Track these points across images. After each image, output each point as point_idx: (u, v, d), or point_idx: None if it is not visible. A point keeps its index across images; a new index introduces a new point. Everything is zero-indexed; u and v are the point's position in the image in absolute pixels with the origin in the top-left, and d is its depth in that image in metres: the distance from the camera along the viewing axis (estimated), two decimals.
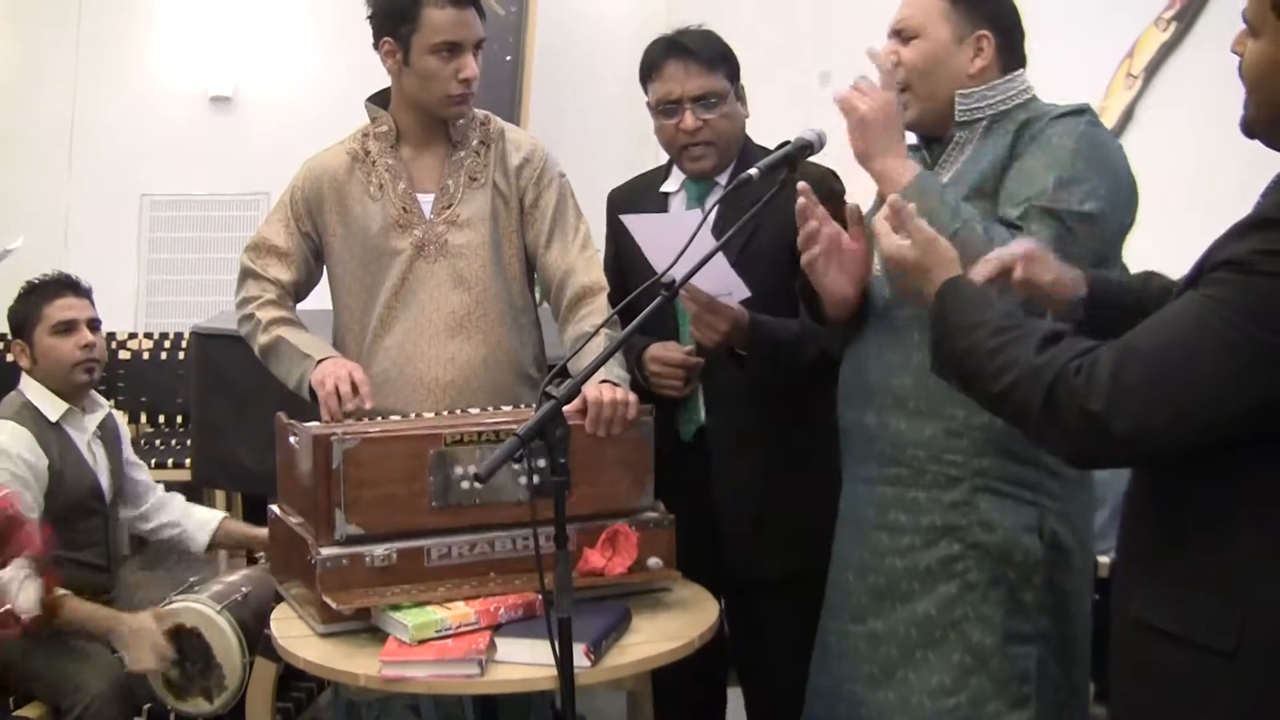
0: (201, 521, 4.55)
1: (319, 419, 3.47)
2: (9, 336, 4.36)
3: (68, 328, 4.25)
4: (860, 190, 3.19)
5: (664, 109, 3.71)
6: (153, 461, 7.16)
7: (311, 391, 3.58)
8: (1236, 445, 2.15)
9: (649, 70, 3.74)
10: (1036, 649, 3.01)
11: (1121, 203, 3.00)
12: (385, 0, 3.70)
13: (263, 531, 4.41)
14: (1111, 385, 2.14)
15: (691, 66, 3.67)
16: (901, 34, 3.15)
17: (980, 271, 2.57)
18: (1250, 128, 2.29)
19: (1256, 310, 2.08)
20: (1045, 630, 3.02)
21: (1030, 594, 2.99)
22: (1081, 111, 3.04)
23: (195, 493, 7.14)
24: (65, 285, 4.32)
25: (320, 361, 3.62)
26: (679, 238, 3.05)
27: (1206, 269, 2.17)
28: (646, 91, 3.77)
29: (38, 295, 4.27)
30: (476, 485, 3.17)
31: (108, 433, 4.39)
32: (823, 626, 3.32)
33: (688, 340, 3.67)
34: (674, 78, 3.68)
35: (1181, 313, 2.16)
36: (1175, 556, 2.25)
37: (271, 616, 3.36)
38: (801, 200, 3.01)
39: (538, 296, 3.99)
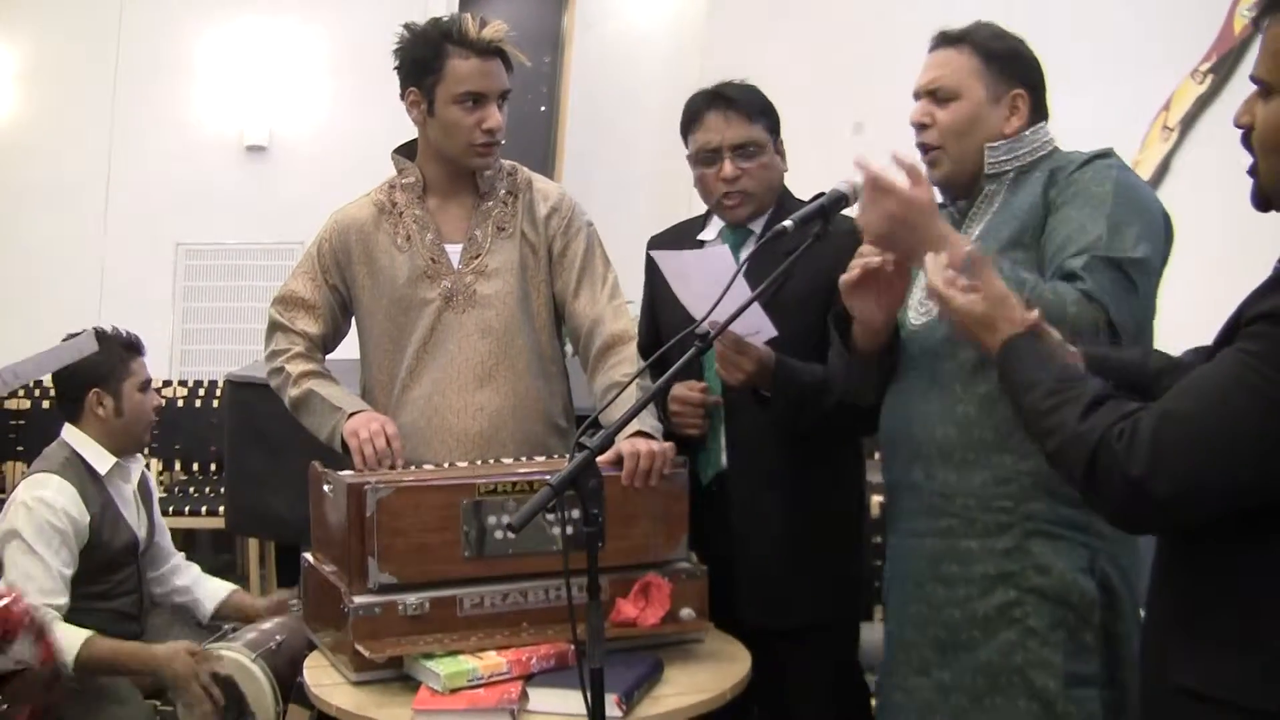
0: (211, 592, 4.56)
1: (352, 468, 3.48)
2: (69, 383, 4.33)
3: (146, 386, 4.32)
4: None
5: (703, 158, 3.73)
6: (187, 509, 7.18)
7: (344, 443, 3.58)
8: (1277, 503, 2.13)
9: (690, 121, 3.76)
10: (1100, 691, 2.99)
11: (1161, 239, 3.02)
12: (410, 50, 3.72)
13: (260, 605, 4.43)
14: (1152, 450, 2.12)
15: (732, 116, 3.69)
16: (936, 95, 3.16)
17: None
18: (1266, 198, 2.26)
19: None
20: (1101, 674, 3.00)
21: (1089, 635, 2.97)
22: (1106, 154, 3.06)
23: (229, 541, 7.17)
24: (141, 347, 4.37)
25: (352, 415, 3.62)
26: (706, 276, 3.06)
27: (1241, 325, 2.15)
28: (687, 143, 3.79)
29: (122, 350, 4.29)
30: (509, 535, 3.17)
31: (143, 488, 4.42)
32: (886, 682, 3.30)
33: (711, 381, 3.68)
34: (714, 127, 3.70)
35: (1219, 371, 2.14)
36: (1216, 619, 2.22)
37: (305, 664, 3.36)
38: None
39: (566, 347, 3.99)
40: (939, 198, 3.25)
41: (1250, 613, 2.18)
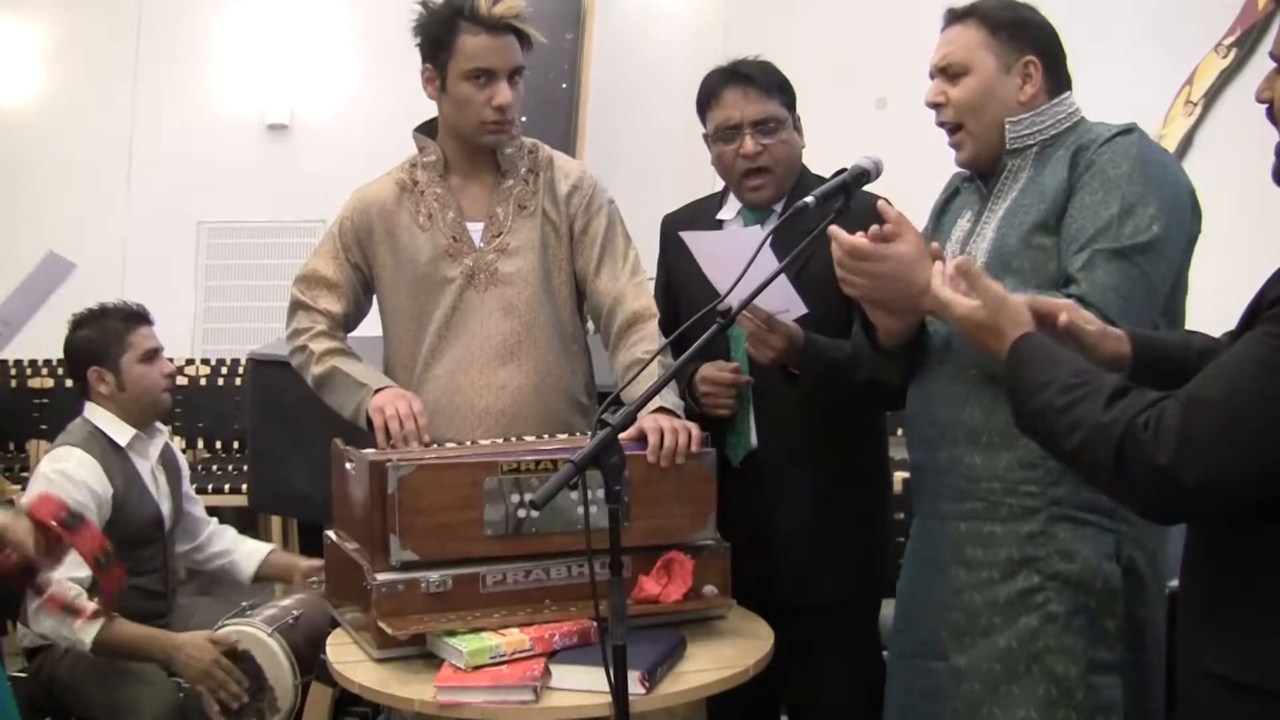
0: (249, 552, 4.59)
1: (375, 446, 3.48)
2: (72, 364, 4.35)
3: (152, 356, 4.31)
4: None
5: (723, 135, 3.73)
6: (209, 487, 7.19)
7: (369, 420, 3.59)
8: None
9: (707, 98, 3.76)
10: (1119, 678, 2.98)
11: (1182, 218, 2.99)
12: (426, 28, 3.72)
13: (301, 562, 4.45)
14: (1179, 437, 2.10)
15: (750, 92, 3.69)
16: (947, 72, 3.14)
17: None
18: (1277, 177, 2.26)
19: None
20: (1124, 659, 2.99)
21: (1111, 622, 2.96)
22: (1129, 131, 3.02)
23: (251, 518, 7.19)
24: (142, 315, 4.37)
25: (378, 390, 3.63)
26: (736, 256, 3.04)
27: (1263, 306, 2.14)
28: (704, 122, 3.78)
29: (119, 324, 4.30)
30: (532, 513, 3.17)
31: (168, 461, 4.43)
32: (901, 665, 3.29)
33: (739, 360, 3.68)
34: (733, 104, 3.70)
35: (1244, 355, 2.13)
36: (1247, 605, 2.22)
37: (327, 641, 3.37)
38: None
39: (588, 324, 3.99)
40: (965, 170, 3.26)
41: (1277, 594, 2.18)
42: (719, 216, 3.86)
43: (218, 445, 8.23)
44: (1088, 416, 2.23)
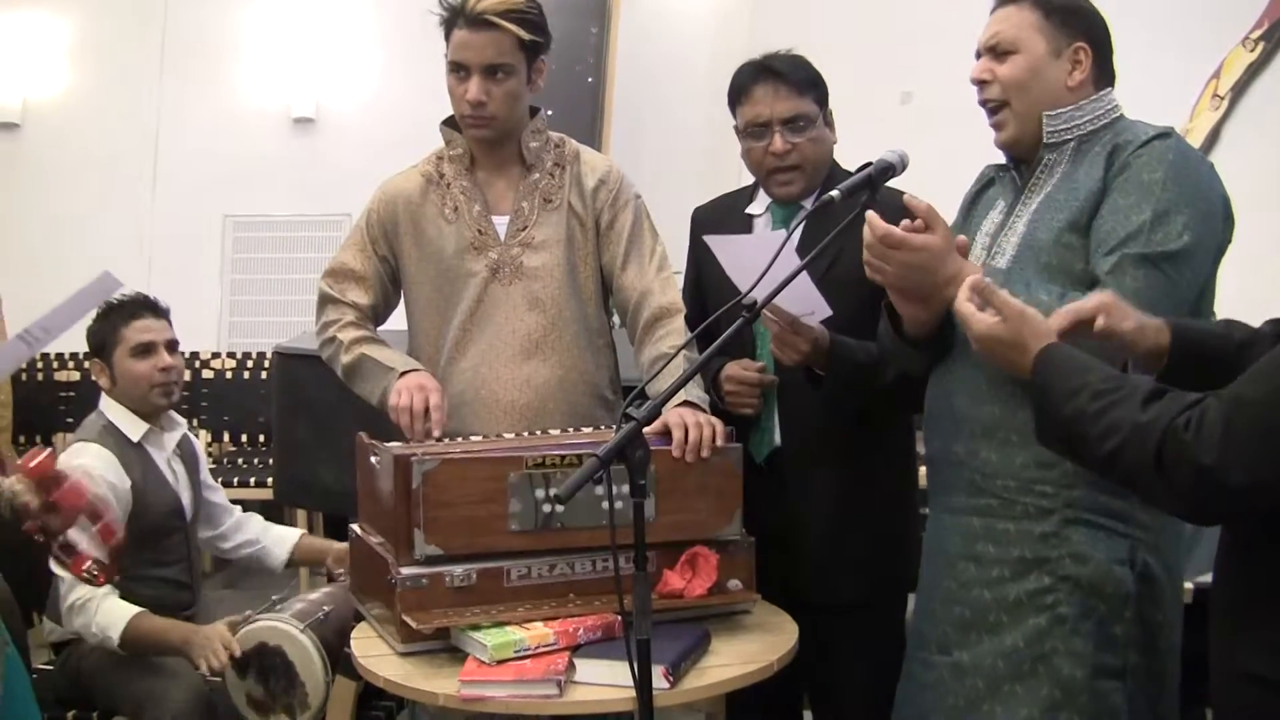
0: (279, 538, 4.59)
1: (400, 439, 3.49)
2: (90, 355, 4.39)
3: (146, 350, 4.29)
4: None
5: (752, 131, 3.71)
6: (235, 480, 7.22)
7: None
8: None
9: (738, 94, 3.74)
10: (1125, 684, 2.97)
11: (1214, 227, 2.96)
12: (442, 23, 3.75)
13: (335, 545, 4.45)
14: (1223, 437, 2.10)
15: (781, 89, 3.66)
16: (996, 50, 3.11)
17: (1056, 323, 2.55)
18: None
19: None
20: (1134, 664, 2.98)
21: (1120, 627, 2.94)
22: (1166, 135, 2.99)
23: (276, 511, 7.21)
24: (144, 306, 4.35)
25: (403, 374, 3.63)
26: (762, 258, 3.04)
27: None
28: (735, 115, 3.76)
29: (117, 316, 4.30)
30: (556, 507, 3.18)
31: (186, 451, 4.44)
32: (909, 656, 3.30)
33: (764, 359, 3.67)
34: (763, 100, 3.68)
35: None
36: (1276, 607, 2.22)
37: (352, 635, 3.37)
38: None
39: (614, 319, 3.98)
40: (1001, 159, 3.25)
41: None
42: (748, 211, 3.85)
43: (243, 438, 8.25)
44: (1125, 419, 2.22)
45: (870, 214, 2.91)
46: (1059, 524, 2.97)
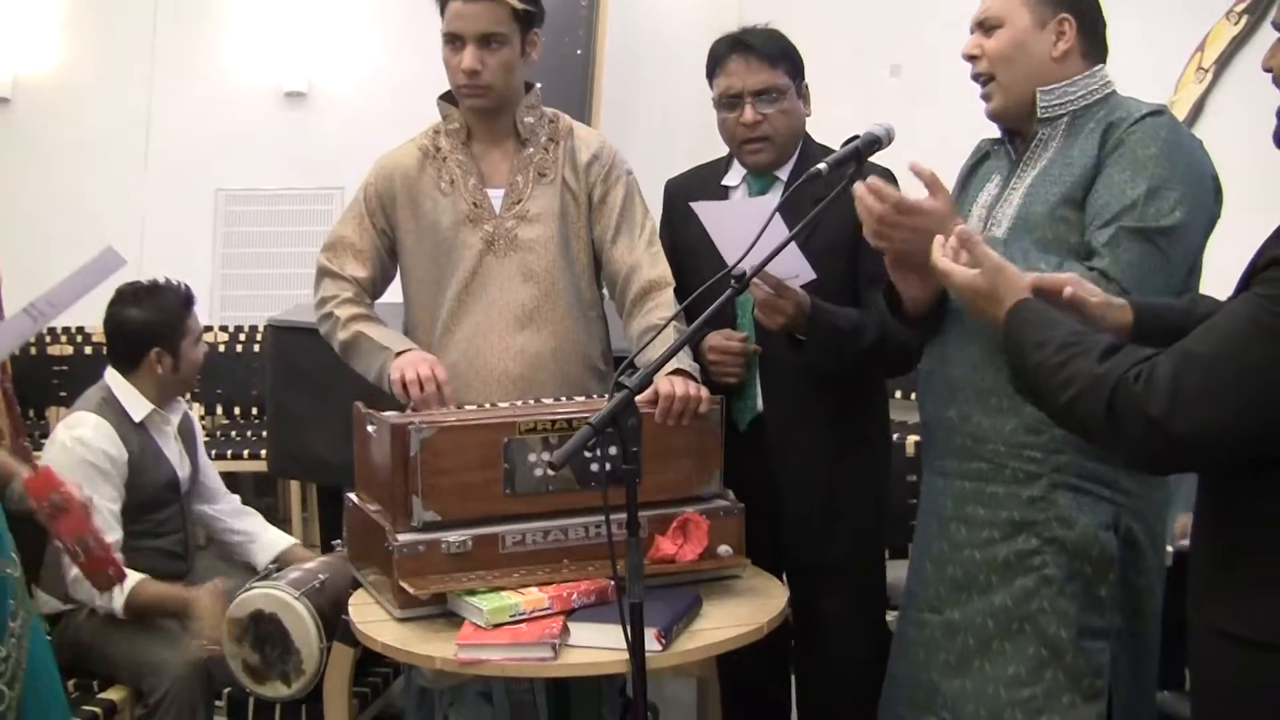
0: (270, 542, 4.66)
1: (396, 409, 3.53)
2: (129, 341, 4.39)
3: (200, 338, 4.44)
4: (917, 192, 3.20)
5: (726, 103, 3.80)
6: (228, 453, 7.25)
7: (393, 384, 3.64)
8: None
9: (713, 66, 3.83)
10: (1110, 644, 3.04)
11: (1205, 203, 3.03)
12: None
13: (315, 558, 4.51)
14: (1170, 390, 2.16)
15: (753, 62, 3.75)
16: (984, 25, 3.19)
17: (1029, 280, 2.61)
18: None
19: None
20: (1118, 626, 3.04)
21: (1105, 590, 3.01)
22: (1160, 112, 3.06)
23: (270, 483, 7.25)
24: (192, 298, 4.47)
25: (400, 354, 3.67)
26: (746, 224, 3.10)
27: (1258, 269, 2.19)
28: (711, 87, 3.84)
29: (183, 307, 4.38)
30: (550, 473, 3.23)
31: (185, 428, 4.50)
32: (902, 614, 3.38)
33: (746, 328, 3.74)
34: (736, 73, 3.76)
35: (1235, 313, 2.19)
36: (1248, 566, 2.28)
37: (350, 602, 3.42)
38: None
39: (604, 291, 4.04)
40: (995, 132, 3.30)
41: (1275, 551, 2.23)
42: (724, 182, 3.93)
43: (236, 411, 8.27)
44: (1082, 371, 2.29)
45: (879, 181, 2.96)
46: (1046, 488, 3.04)
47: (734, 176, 3.92)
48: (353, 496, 3.56)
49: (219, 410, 8.27)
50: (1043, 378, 2.38)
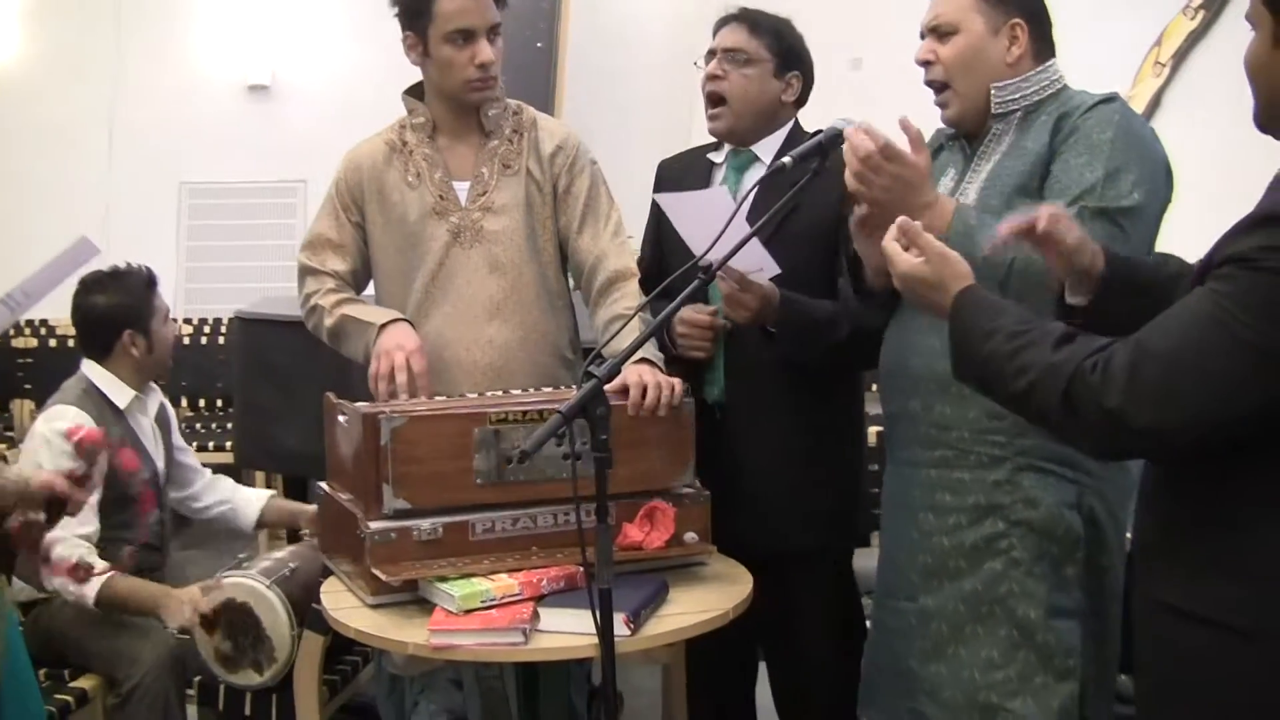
0: (249, 499, 4.66)
1: (366, 399, 3.57)
2: (99, 328, 4.40)
3: (168, 317, 4.44)
4: None
5: (705, 59, 3.86)
6: (194, 444, 7.24)
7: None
8: (1254, 439, 2.22)
9: (714, 35, 3.90)
10: (1078, 623, 3.10)
11: (1161, 185, 3.08)
12: None
13: (307, 507, 4.52)
14: (1127, 382, 2.20)
15: (737, 27, 3.83)
16: (937, 31, 3.23)
17: (1004, 228, 2.65)
18: (1259, 122, 2.37)
19: (1261, 308, 2.14)
20: (1084, 605, 3.11)
21: (1072, 569, 3.07)
22: (1111, 99, 3.12)
23: (236, 474, 7.26)
24: (155, 279, 4.45)
25: (382, 328, 3.71)
26: (711, 214, 3.14)
27: (1215, 264, 2.23)
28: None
29: (143, 288, 4.38)
30: (520, 462, 3.26)
31: (161, 417, 4.52)
32: (877, 603, 3.42)
33: (717, 303, 3.74)
34: (720, 35, 3.85)
35: (1192, 309, 2.23)
36: (1195, 544, 2.32)
37: (322, 589, 3.45)
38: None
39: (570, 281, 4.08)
40: (949, 132, 3.36)
41: (1224, 536, 2.28)
42: (709, 156, 3.98)
43: (201, 404, 8.29)
44: (1037, 359, 2.33)
45: (868, 126, 2.99)
46: (1011, 471, 3.09)
47: (719, 154, 3.96)
48: (325, 486, 3.59)
49: (184, 402, 8.29)
50: (995, 365, 2.42)
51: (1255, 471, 2.25)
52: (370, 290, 4.06)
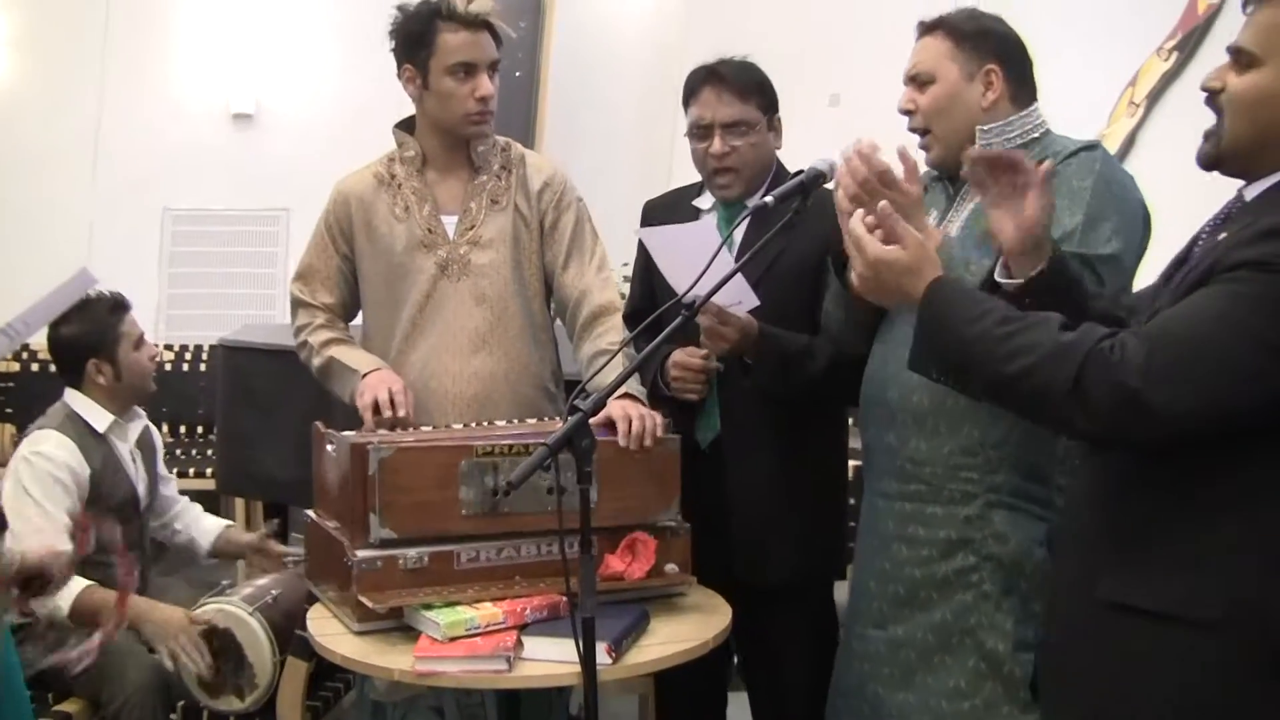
0: (206, 529, 4.71)
1: (353, 429, 3.62)
2: (66, 357, 4.42)
3: (140, 342, 4.45)
4: None
5: (696, 133, 3.86)
6: (175, 470, 7.26)
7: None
8: (1237, 434, 2.30)
9: (687, 95, 3.89)
10: None
11: (1138, 234, 3.16)
12: (403, 29, 3.88)
13: (253, 540, 4.57)
14: (1148, 365, 2.27)
15: (725, 94, 3.81)
16: (916, 79, 3.31)
17: (977, 151, 2.75)
18: (1221, 157, 2.45)
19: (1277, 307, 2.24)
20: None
21: (1039, 604, 3.10)
22: (1093, 147, 3.19)
23: (216, 500, 7.29)
24: (126, 304, 4.47)
25: (366, 374, 3.77)
26: (695, 249, 3.20)
27: (1220, 269, 2.31)
28: (685, 115, 3.91)
29: (111, 314, 4.40)
30: (505, 494, 3.31)
31: (145, 442, 4.55)
32: (847, 629, 3.47)
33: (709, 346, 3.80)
34: (707, 104, 3.83)
35: (1208, 305, 2.30)
36: (1155, 540, 2.39)
37: (309, 615, 3.49)
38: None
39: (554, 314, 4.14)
40: (933, 173, 3.42)
41: (1191, 532, 2.36)
42: (695, 203, 4.01)
43: (182, 429, 8.29)
44: (1041, 341, 2.38)
45: (867, 148, 3.02)
46: (982, 507, 3.15)
47: (705, 200, 3.99)
48: (312, 514, 3.64)
49: (165, 428, 8.27)
50: (982, 348, 2.46)
51: (1224, 467, 2.33)
52: (359, 320, 4.10)
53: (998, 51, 3.28)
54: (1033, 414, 2.51)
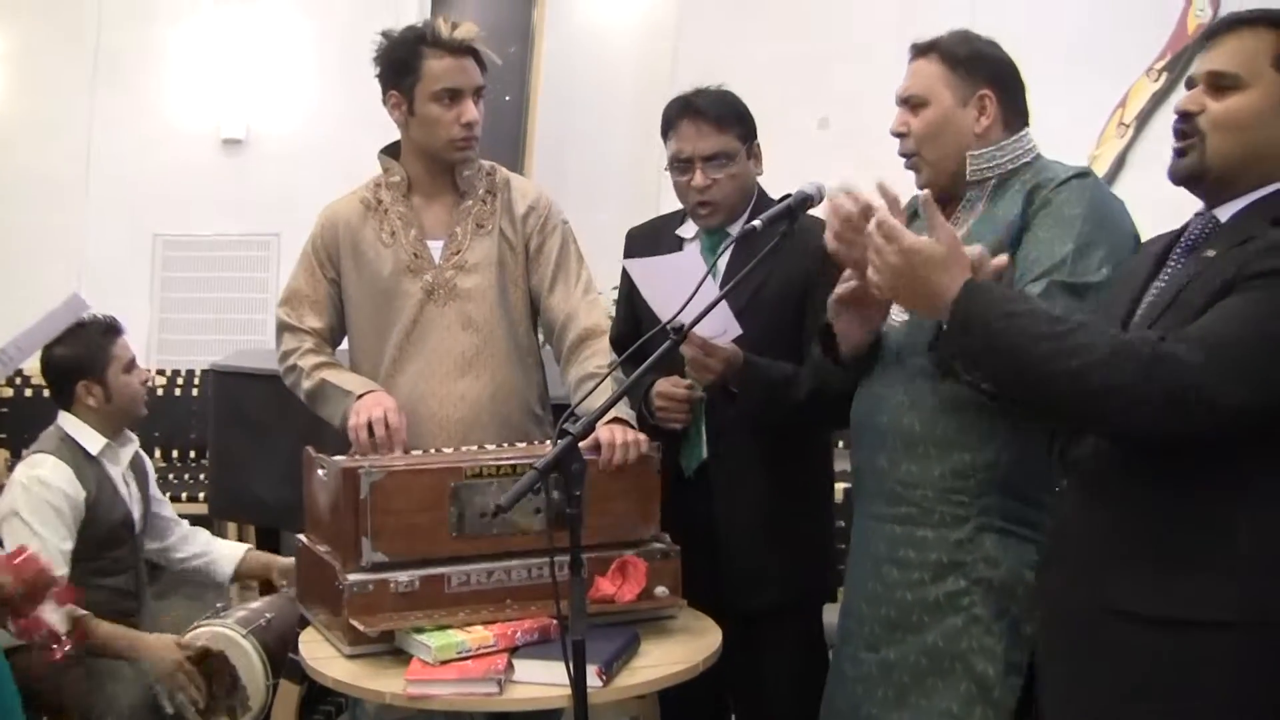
0: (226, 553, 4.70)
1: (343, 453, 3.64)
2: (57, 379, 4.43)
3: (132, 365, 4.46)
4: None
5: (677, 166, 3.85)
6: (167, 494, 7.25)
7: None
8: (1246, 441, 2.34)
9: (666, 128, 3.88)
10: None
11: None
12: (388, 55, 3.90)
13: (281, 560, 4.56)
14: (1208, 363, 2.29)
15: (703, 127, 3.80)
16: (909, 103, 3.30)
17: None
18: (1203, 175, 2.48)
19: None
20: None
21: (1031, 627, 3.09)
22: (1085, 174, 3.17)
23: (208, 524, 7.29)
24: (118, 328, 4.48)
25: (360, 397, 3.78)
26: (681, 278, 3.20)
27: (1243, 278, 2.35)
28: (666, 146, 3.91)
29: (103, 337, 4.40)
30: (495, 516, 3.31)
31: (137, 466, 4.56)
32: (838, 652, 3.46)
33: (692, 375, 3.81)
34: (686, 137, 3.82)
35: (1250, 309, 2.34)
36: (1167, 543, 2.42)
37: (300, 639, 3.49)
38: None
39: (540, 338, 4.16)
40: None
41: (1209, 530, 2.38)
42: (678, 232, 4.00)
43: (174, 454, 8.30)
44: (1100, 339, 2.39)
45: (850, 187, 3.04)
46: (973, 531, 3.13)
47: (689, 229, 3.98)
48: (303, 538, 3.64)
49: (157, 453, 8.28)
50: (1041, 344, 2.44)
51: (1228, 469, 2.37)
52: (345, 345, 4.11)
53: (992, 77, 3.27)
54: (1086, 409, 2.46)
